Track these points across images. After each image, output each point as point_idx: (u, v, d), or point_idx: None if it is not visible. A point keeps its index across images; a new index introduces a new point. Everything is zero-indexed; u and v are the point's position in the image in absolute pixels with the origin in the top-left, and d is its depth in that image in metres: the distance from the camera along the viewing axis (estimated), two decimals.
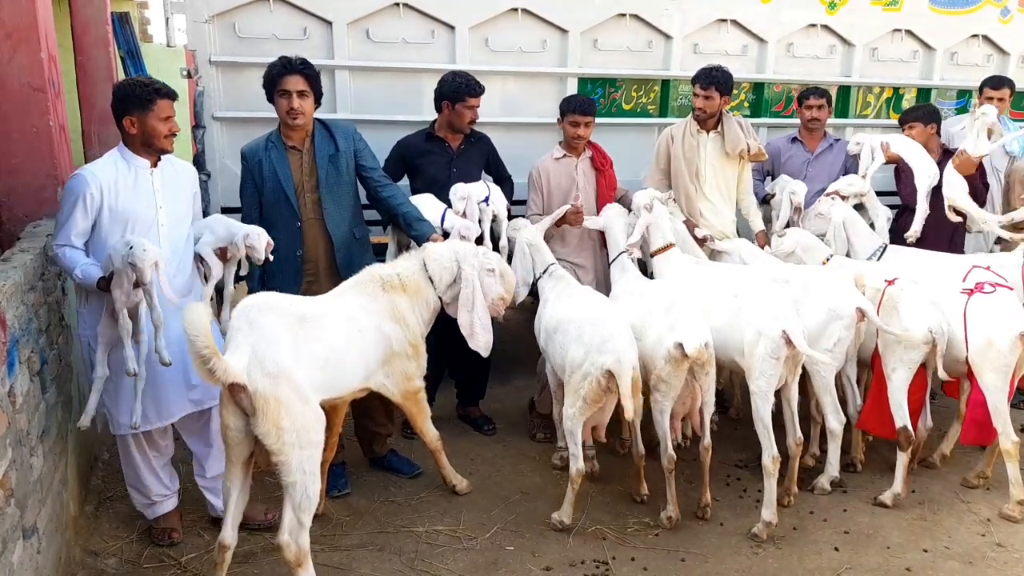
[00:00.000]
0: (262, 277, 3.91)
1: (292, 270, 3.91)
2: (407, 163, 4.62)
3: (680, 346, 3.60)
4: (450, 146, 4.62)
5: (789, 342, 3.64)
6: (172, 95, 3.35)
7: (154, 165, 3.37)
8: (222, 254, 3.61)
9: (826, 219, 4.86)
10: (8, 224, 3.74)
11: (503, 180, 4.83)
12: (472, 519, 3.92)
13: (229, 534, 3.10)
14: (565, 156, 4.77)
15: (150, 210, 3.32)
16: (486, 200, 4.44)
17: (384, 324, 3.57)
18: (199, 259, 3.58)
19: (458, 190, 4.35)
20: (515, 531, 3.82)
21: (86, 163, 6.13)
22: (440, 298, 3.80)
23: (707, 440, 3.89)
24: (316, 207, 3.94)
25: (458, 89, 4.46)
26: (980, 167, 4.99)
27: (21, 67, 3.61)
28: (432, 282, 3.77)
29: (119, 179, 3.27)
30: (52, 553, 3.07)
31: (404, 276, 3.71)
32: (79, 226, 3.22)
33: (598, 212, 4.73)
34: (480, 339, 3.82)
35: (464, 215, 4.29)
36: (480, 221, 4.38)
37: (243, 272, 3.72)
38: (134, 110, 3.27)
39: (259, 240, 3.53)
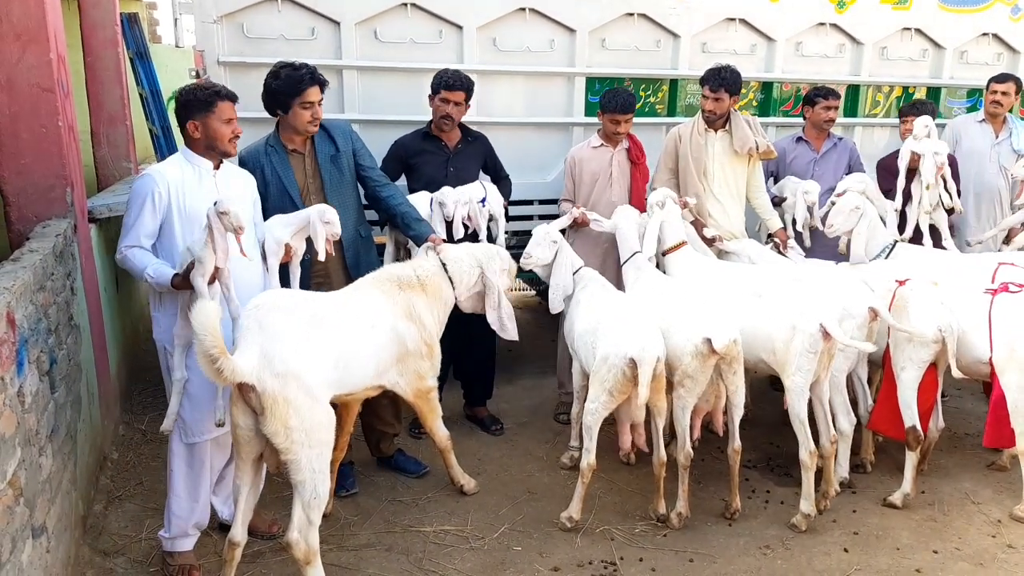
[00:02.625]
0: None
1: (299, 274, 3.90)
2: (404, 162, 4.62)
3: (708, 341, 3.60)
4: (447, 145, 4.61)
5: (826, 335, 3.65)
6: (232, 97, 3.33)
7: (216, 167, 3.37)
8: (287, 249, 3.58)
9: (858, 214, 4.68)
10: (17, 224, 3.75)
11: (501, 179, 4.84)
12: (480, 519, 3.92)
13: (239, 532, 3.11)
14: (602, 146, 4.85)
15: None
16: (483, 201, 4.46)
17: (399, 323, 3.58)
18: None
19: (446, 195, 4.35)
20: (523, 531, 3.82)
21: (95, 164, 6.20)
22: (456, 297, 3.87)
23: (737, 443, 3.88)
24: None
25: (436, 83, 4.48)
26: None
27: (30, 68, 3.62)
28: (452, 283, 3.83)
29: (185, 179, 3.27)
30: (61, 552, 3.08)
31: (423, 276, 3.74)
32: (148, 226, 3.21)
33: (631, 203, 4.78)
34: (509, 329, 4.05)
35: (446, 220, 4.35)
36: (478, 221, 4.44)
37: (321, 257, 3.53)
38: (197, 114, 3.27)
39: (334, 214, 3.49)
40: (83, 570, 3.38)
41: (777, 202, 5.19)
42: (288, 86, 3.75)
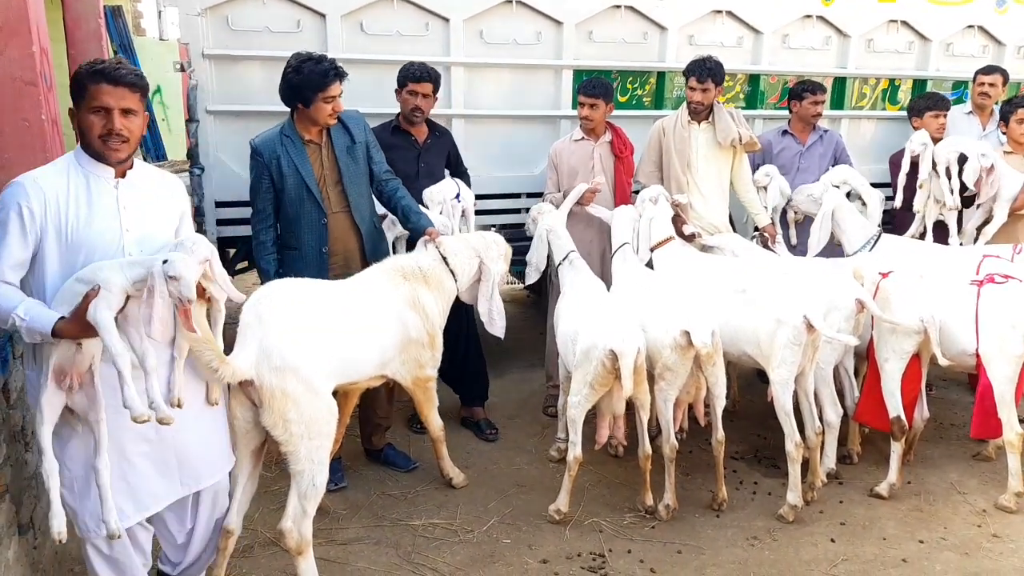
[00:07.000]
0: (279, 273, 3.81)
1: (316, 265, 3.84)
2: None
3: (686, 334, 3.62)
4: (416, 140, 4.57)
5: (810, 327, 3.66)
6: (116, 79, 2.43)
7: (121, 175, 2.55)
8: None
9: (816, 203, 4.84)
10: None
11: (461, 174, 4.80)
12: (468, 512, 3.92)
13: (234, 520, 3.09)
14: (583, 139, 4.81)
15: (113, 235, 2.49)
16: (456, 197, 4.47)
17: (403, 312, 3.62)
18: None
19: (433, 195, 4.37)
20: (512, 524, 3.82)
21: None
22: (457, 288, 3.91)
23: (720, 434, 3.90)
24: (341, 200, 3.91)
25: (402, 76, 4.43)
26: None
27: (12, 61, 3.58)
28: (454, 275, 3.85)
29: (70, 192, 2.46)
30: (48, 548, 3.06)
31: (426, 269, 3.77)
32: (15, 255, 2.38)
33: (614, 197, 4.77)
34: (497, 324, 4.05)
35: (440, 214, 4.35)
36: (451, 218, 4.44)
37: (157, 335, 2.42)
38: (74, 100, 2.46)
39: (185, 266, 2.34)
40: (70, 566, 3.36)
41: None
42: (312, 80, 3.67)
